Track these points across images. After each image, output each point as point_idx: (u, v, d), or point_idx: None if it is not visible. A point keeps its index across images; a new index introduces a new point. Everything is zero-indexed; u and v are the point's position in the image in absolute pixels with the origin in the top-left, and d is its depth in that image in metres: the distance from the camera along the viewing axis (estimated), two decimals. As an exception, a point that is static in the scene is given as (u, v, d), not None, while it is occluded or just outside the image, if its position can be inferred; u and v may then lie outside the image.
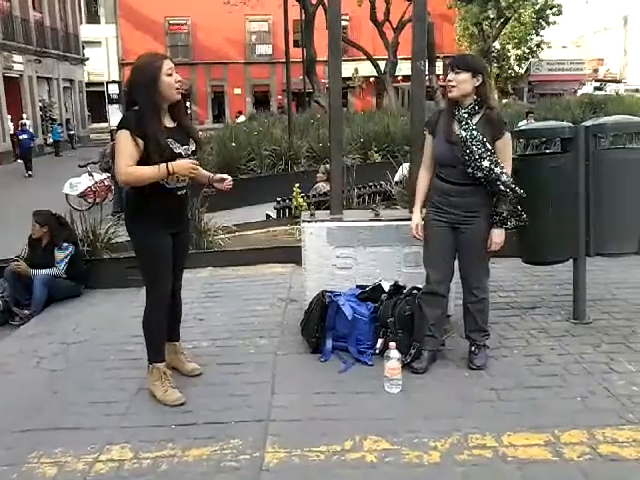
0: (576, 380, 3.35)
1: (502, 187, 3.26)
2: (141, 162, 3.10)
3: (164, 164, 3.09)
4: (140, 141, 3.08)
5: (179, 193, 3.27)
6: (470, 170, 3.27)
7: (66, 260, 5.57)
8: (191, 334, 4.06)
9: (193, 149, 3.31)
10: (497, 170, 3.24)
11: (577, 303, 4.19)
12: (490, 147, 3.26)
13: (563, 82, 38.44)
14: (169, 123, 3.23)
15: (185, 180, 3.26)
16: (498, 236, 3.38)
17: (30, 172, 20.00)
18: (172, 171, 3.11)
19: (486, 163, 3.24)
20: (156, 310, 3.32)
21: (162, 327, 3.38)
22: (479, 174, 3.26)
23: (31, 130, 24.97)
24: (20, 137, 21.15)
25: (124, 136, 3.09)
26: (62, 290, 5.56)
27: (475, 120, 3.32)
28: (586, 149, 3.92)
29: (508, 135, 3.37)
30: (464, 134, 3.28)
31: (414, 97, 4.13)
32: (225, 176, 3.53)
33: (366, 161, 13.02)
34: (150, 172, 3.10)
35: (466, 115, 3.31)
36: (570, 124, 4.06)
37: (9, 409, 3.35)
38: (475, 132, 3.27)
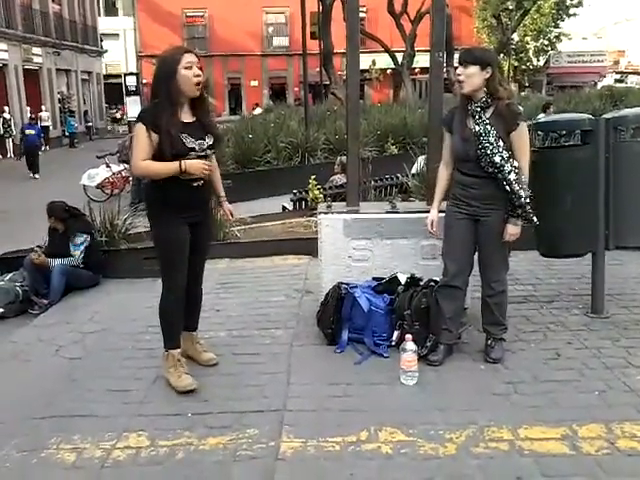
0: (594, 374, 3.33)
1: (508, 187, 3.23)
2: (155, 155, 3.13)
3: (177, 162, 3.11)
4: (154, 135, 3.10)
5: (194, 184, 3.26)
6: (483, 165, 3.27)
7: (82, 249, 5.62)
8: (208, 324, 4.08)
9: (210, 144, 3.30)
10: (507, 167, 3.22)
11: (595, 297, 4.15)
12: (503, 143, 3.23)
13: (583, 74, 37.93)
14: (187, 118, 3.24)
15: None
16: (512, 228, 3.35)
17: (36, 175, 17.06)
18: (184, 169, 3.13)
19: (497, 159, 3.22)
20: (171, 298, 3.35)
21: (177, 315, 3.40)
22: (491, 169, 3.25)
23: (47, 123, 25.00)
24: (26, 132, 18.08)
25: (140, 129, 3.13)
26: (80, 280, 5.61)
27: (488, 113, 3.30)
28: (606, 141, 3.86)
29: (523, 126, 3.32)
30: (477, 128, 3.27)
31: (432, 88, 4.10)
32: (232, 213, 3.68)
33: (383, 153, 12.97)
34: (162, 168, 3.14)
35: (479, 109, 3.29)
36: (590, 116, 4.01)
37: (29, 396, 3.39)
38: (489, 127, 3.25)
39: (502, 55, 31.64)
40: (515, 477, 2.50)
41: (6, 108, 22.58)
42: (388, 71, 33.97)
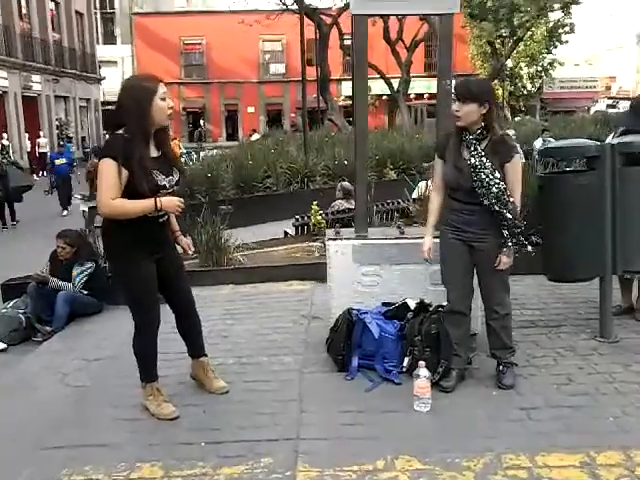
0: (608, 400, 3.31)
1: (508, 215, 3.25)
2: (123, 193, 2.97)
3: (152, 200, 2.99)
4: (125, 171, 2.92)
5: (160, 220, 3.19)
6: (480, 197, 3.27)
7: (83, 277, 5.59)
8: (216, 351, 4.05)
9: (177, 179, 3.20)
10: (504, 199, 3.25)
11: (604, 321, 4.15)
12: (499, 174, 3.26)
13: (576, 100, 38.41)
14: (154, 152, 3.10)
15: None
16: (506, 258, 3.35)
17: (67, 210, 14.23)
18: (160, 207, 3.02)
19: (494, 190, 3.24)
20: (144, 335, 3.32)
21: (151, 349, 3.36)
22: (485, 202, 3.27)
23: (45, 150, 24.66)
24: (56, 162, 15.47)
25: (110, 166, 2.92)
26: (84, 306, 5.57)
27: (483, 145, 3.32)
28: (612, 167, 3.90)
29: (517, 158, 3.36)
30: (473, 161, 3.28)
31: (439, 116, 4.13)
32: (190, 248, 3.53)
33: (381, 179, 13.03)
34: (138, 207, 2.98)
35: (474, 141, 3.31)
36: (596, 142, 4.06)
37: (37, 425, 3.35)
38: (484, 159, 3.27)
39: (496, 81, 32.03)
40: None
41: (4, 135, 22.64)
42: (383, 97, 34.36)
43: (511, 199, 3.26)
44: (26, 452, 3.05)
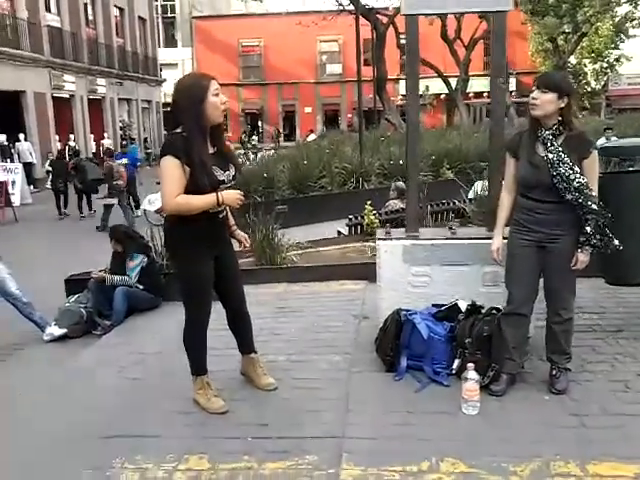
0: (669, 409, 3.18)
1: (594, 207, 3.16)
2: (185, 190, 3.03)
3: (213, 194, 3.04)
4: (187, 168, 3.00)
5: (220, 216, 3.26)
6: (561, 192, 3.18)
7: (135, 269, 5.75)
8: (267, 348, 4.11)
9: (233, 174, 3.25)
10: (587, 192, 3.16)
11: (666, 327, 3.98)
12: (578, 169, 3.17)
13: (645, 96, 36.82)
14: (210, 149, 3.16)
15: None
16: (584, 256, 3.27)
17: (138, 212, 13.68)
18: (221, 201, 3.07)
19: (575, 185, 3.15)
20: (194, 329, 3.39)
21: (201, 343, 3.42)
22: (568, 196, 3.18)
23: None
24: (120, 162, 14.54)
25: (172, 163, 2.99)
26: (140, 302, 5.75)
27: (560, 141, 3.24)
28: (677, 165, 3.75)
29: (595, 154, 3.27)
30: (551, 156, 3.20)
31: (493, 114, 4.06)
32: (247, 241, 3.55)
33: (437, 178, 12.89)
34: (201, 202, 3.04)
35: (551, 136, 3.23)
36: (658, 140, 3.91)
37: (94, 415, 3.49)
38: (562, 154, 3.18)
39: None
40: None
41: (71, 136, 23.58)
42: (442, 96, 33.95)
43: (593, 192, 3.18)
44: (82, 440, 3.18)
